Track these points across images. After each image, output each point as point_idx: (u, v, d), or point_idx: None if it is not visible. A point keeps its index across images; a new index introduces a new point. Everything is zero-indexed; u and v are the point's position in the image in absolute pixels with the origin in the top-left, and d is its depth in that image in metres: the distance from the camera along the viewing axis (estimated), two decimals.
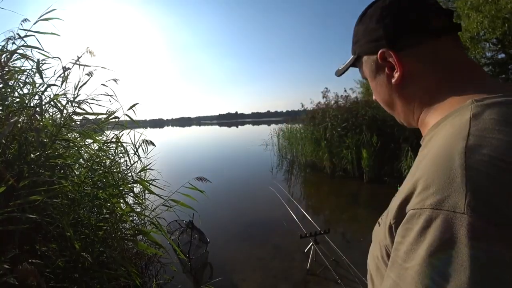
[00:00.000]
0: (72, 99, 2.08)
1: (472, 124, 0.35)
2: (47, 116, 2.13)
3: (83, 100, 2.17)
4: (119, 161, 2.89)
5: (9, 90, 1.97)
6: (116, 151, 2.74)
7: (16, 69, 2.03)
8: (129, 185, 2.47)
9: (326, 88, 9.18)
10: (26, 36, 1.92)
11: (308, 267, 2.99)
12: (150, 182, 2.49)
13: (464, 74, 0.45)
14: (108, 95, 2.28)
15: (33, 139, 1.76)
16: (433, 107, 0.46)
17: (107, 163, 2.58)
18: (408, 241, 0.33)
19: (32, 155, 1.73)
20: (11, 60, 1.95)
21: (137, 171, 2.77)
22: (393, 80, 0.49)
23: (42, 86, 2.00)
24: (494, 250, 0.27)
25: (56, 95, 2.02)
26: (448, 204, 0.30)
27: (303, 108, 10.08)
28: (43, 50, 1.93)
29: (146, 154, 3.14)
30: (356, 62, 0.57)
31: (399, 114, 0.55)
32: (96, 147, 2.54)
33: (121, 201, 2.24)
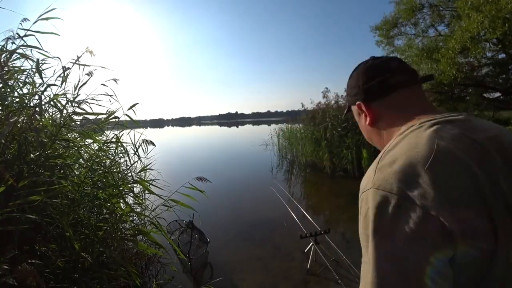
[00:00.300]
0: (72, 99, 2.08)
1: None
2: (46, 116, 2.13)
3: (83, 100, 2.16)
4: (119, 161, 2.89)
5: (8, 90, 1.97)
6: (116, 151, 2.73)
7: (16, 68, 2.03)
8: (129, 185, 2.47)
9: (326, 88, 9.19)
10: (25, 35, 1.92)
11: (308, 267, 2.99)
12: (150, 182, 2.49)
13: (412, 113, 0.60)
14: (108, 95, 2.27)
15: (32, 139, 1.76)
16: (392, 136, 0.62)
17: (107, 163, 2.57)
18: None
19: (31, 155, 1.73)
20: (11, 59, 1.95)
21: (137, 171, 2.77)
22: (367, 123, 0.70)
23: (42, 86, 2.00)
24: None
25: (56, 95, 2.02)
26: None
27: (303, 108, 10.09)
28: (42, 49, 1.93)
29: (146, 154, 3.13)
30: (349, 108, 0.79)
31: (377, 144, 0.73)
32: (96, 147, 2.53)
33: (121, 201, 2.24)
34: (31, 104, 1.96)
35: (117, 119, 2.39)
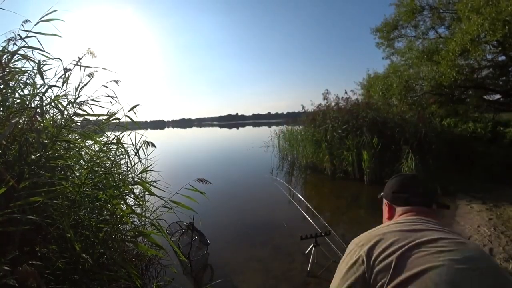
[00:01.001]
0: (73, 100, 2.08)
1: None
2: (47, 117, 2.13)
3: (84, 101, 2.17)
4: (119, 162, 2.89)
5: (10, 91, 1.97)
6: (117, 152, 2.73)
7: (17, 70, 2.03)
8: (130, 187, 2.47)
9: (327, 90, 9.20)
10: (27, 37, 1.93)
11: (308, 269, 2.98)
12: (151, 183, 2.48)
13: (409, 221, 0.84)
14: (109, 96, 2.27)
15: (33, 140, 1.76)
16: None
17: (108, 165, 2.57)
18: None
19: (32, 156, 1.73)
20: (12, 61, 1.95)
21: (138, 173, 2.76)
22: (386, 216, 1.01)
23: (43, 87, 2.01)
24: None
25: (57, 96, 2.02)
26: None
27: (303, 110, 10.09)
28: (44, 51, 1.94)
29: (146, 156, 3.13)
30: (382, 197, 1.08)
31: None
32: (97, 148, 2.53)
33: (122, 202, 2.23)
34: (32, 105, 1.96)
35: (118, 121, 2.39)
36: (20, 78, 2.08)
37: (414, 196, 0.94)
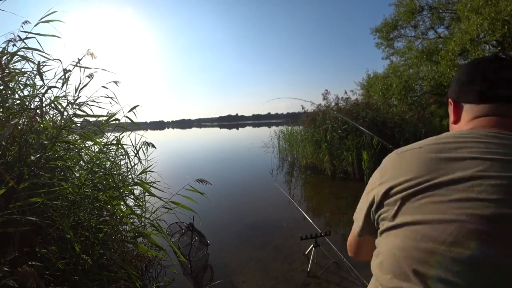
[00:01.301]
0: (72, 101, 2.08)
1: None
2: (47, 118, 2.13)
3: (84, 102, 2.17)
4: (119, 163, 2.89)
5: (9, 92, 1.97)
6: (117, 153, 2.73)
7: (17, 71, 2.04)
8: (130, 187, 2.47)
9: (327, 90, 9.20)
10: (26, 38, 1.93)
11: (308, 269, 2.98)
12: (151, 184, 2.49)
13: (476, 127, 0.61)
14: (108, 97, 2.27)
15: (33, 141, 1.76)
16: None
17: (108, 165, 2.57)
18: None
19: (32, 157, 1.73)
20: (12, 62, 1.96)
21: (138, 173, 2.76)
22: (451, 121, 0.71)
23: (43, 88, 2.01)
24: None
25: (56, 97, 2.02)
26: None
27: (303, 110, 10.10)
28: (43, 52, 1.94)
29: (146, 156, 3.13)
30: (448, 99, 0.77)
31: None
32: (97, 149, 2.53)
33: (122, 203, 2.23)
34: (32, 106, 1.96)
35: (117, 121, 2.39)
36: (19, 79, 2.08)
37: (492, 87, 0.59)
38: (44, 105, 1.92)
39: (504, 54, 9.12)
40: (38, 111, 1.83)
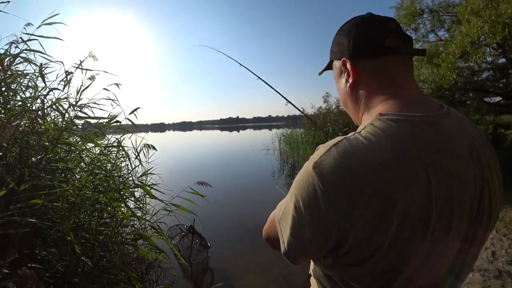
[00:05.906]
0: (74, 103, 2.08)
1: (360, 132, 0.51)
2: (48, 120, 2.13)
3: (85, 104, 2.17)
4: (120, 165, 2.89)
5: (11, 93, 1.98)
6: (118, 155, 2.73)
7: (19, 72, 2.04)
8: (130, 189, 2.47)
9: (327, 93, 9.24)
10: (29, 40, 1.93)
11: (309, 272, 2.96)
12: (151, 186, 2.48)
13: (394, 89, 0.56)
14: (110, 99, 2.28)
15: (34, 143, 1.76)
16: (368, 113, 0.60)
17: (108, 167, 2.57)
18: None
19: (33, 159, 1.73)
20: (14, 63, 1.96)
21: (138, 175, 2.76)
22: (347, 85, 0.62)
23: (44, 90, 2.01)
24: None
25: (58, 99, 2.02)
26: None
27: (304, 113, 10.10)
28: (46, 54, 1.94)
29: (147, 158, 3.13)
30: (330, 65, 0.70)
31: (350, 112, 0.68)
32: (98, 151, 2.53)
33: (122, 205, 2.23)
34: (33, 108, 1.97)
35: (118, 123, 2.40)
36: (21, 80, 2.08)
37: (393, 37, 0.56)
38: (45, 106, 1.93)
39: (505, 56, 9.13)
40: (39, 112, 1.83)
